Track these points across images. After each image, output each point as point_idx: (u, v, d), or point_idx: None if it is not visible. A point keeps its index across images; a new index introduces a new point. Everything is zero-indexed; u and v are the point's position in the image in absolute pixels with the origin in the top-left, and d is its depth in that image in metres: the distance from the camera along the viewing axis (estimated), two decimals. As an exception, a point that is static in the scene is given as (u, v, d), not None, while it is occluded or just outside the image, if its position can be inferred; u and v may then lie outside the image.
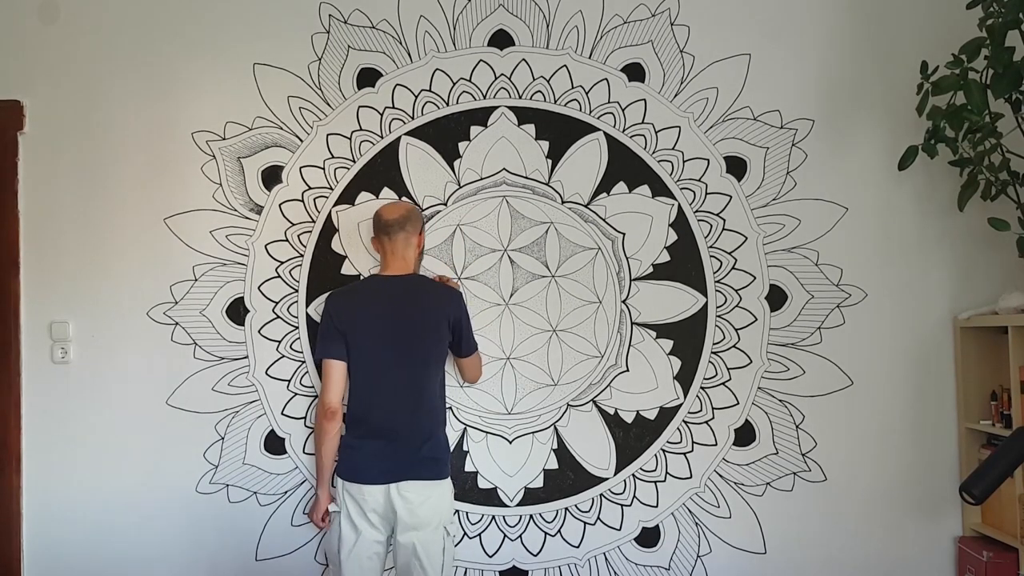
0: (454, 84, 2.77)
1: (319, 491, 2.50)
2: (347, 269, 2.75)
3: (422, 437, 2.40)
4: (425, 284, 2.54)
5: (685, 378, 2.73)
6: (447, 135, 2.77)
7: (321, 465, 2.48)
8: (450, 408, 2.72)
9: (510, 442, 2.72)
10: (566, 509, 2.72)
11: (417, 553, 2.34)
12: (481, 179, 2.77)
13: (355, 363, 2.45)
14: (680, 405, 2.73)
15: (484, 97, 2.77)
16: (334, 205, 2.76)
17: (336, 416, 2.45)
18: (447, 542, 2.39)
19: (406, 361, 2.42)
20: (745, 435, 2.72)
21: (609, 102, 2.76)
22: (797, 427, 2.72)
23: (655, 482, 2.72)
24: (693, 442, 2.72)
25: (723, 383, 2.73)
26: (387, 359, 2.42)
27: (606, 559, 2.71)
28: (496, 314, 2.75)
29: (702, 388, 2.73)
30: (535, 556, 2.71)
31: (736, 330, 2.73)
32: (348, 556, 2.37)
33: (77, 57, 2.77)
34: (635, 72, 2.77)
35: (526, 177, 2.77)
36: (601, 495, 2.72)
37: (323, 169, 2.77)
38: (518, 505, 2.72)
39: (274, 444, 2.73)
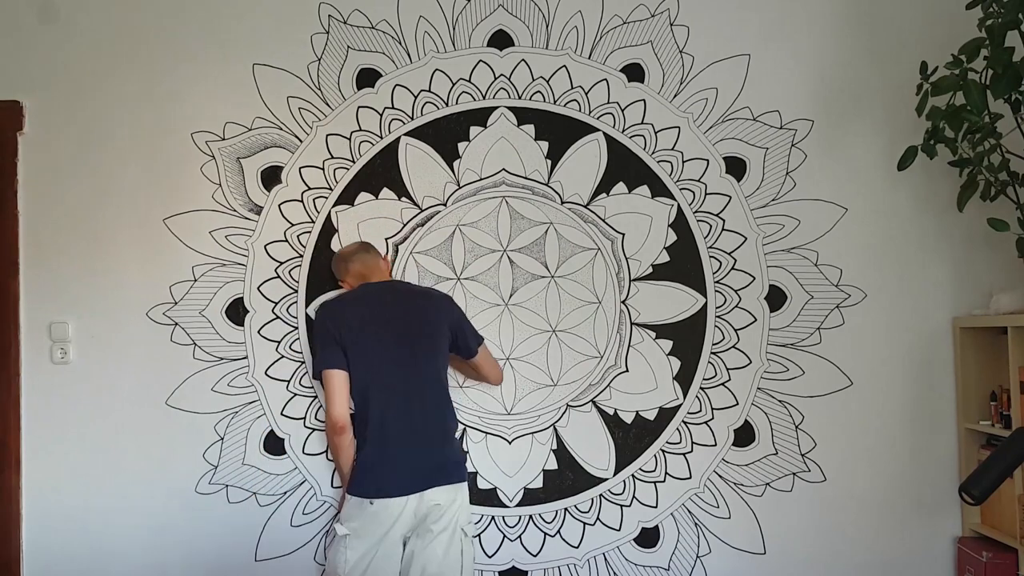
0: (453, 84, 2.77)
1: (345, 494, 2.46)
2: (347, 269, 2.75)
3: (443, 439, 2.42)
4: (414, 286, 2.57)
5: (684, 378, 2.73)
6: (447, 135, 2.77)
7: (343, 475, 2.46)
8: (449, 408, 2.72)
9: (509, 442, 2.72)
10: (565, 509, 2.72)
11: (442, 558, 2.32)
12: (481, 179, 2.77)
13: (358, 370, 2.39)
14: (679, 405, 2.73)
15: (484, 97, 2.78)
16: (333, 205, 2.76)
17: (347, 430, 2.38)
18: (465, 544, 2.39)
19: (413, 360, 2.41)
20: (744, 435, 2.72)
21: (608, 102, 2.76)
22: (796, 427, 2.72)
23: (654, 482, 2.72)
24: (692, 442, 2.72)
25: (722, 383, 2.73)
26: (393, 360, 2.39)
27: (605, 559, 2.71)
28: (495, 314, 2.75)
29: (701, 388, 2.73)
30: (534, 556, 2.71)
31: (736, 330, 2.73)
32: None
33: (77, 57, 2.77)
34: (634, 72, 2.77)
35: (526, 177, 2.77)
36: (600, 495, 2.72)
37: (322, 169, 2.77)
38: (517, 505, 2.72)
39: (273, 444, 2.73)
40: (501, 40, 2.78)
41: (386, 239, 2.76)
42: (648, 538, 2.72)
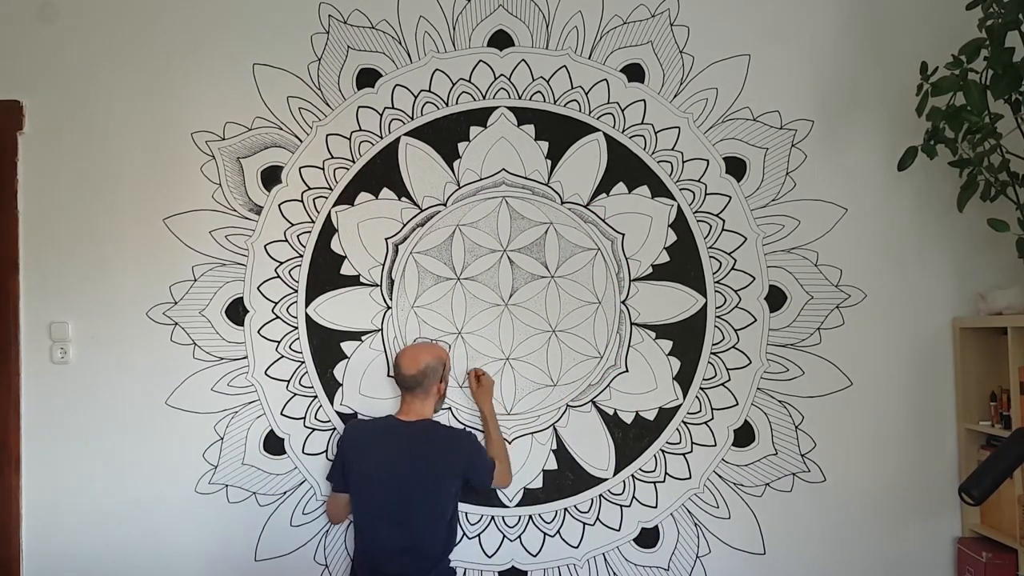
0: (454, 84, 2.77)
1: None
2: (346, 269, 2.75)
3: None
4: (436, 433, 2.56)
5: (684, 379, 2.73)
6: (447, 135, 2.77)
7: None
8: (449, 408, 2.72)
9: (509, 442, 2.72)
10: (565, 510, 2.72)
11: None
12: (481, 179, 2.77)
13: (358, 502, 2.50)
14: (679, 406, 2.73)
15: (484, 97, 2.77)
16: (333, 205, 2.76)
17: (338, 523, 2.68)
18: None
19: (410, 508, 2.45)
20: (744, 436, 2.72)
21: (609, 102, 2.76)
22: (796, 428, 2.72)
23: (654, 483, 2.72)
24: (692, 443, 2.72)
25: (722, 384, 2.73)
26: (391, 504, 2.44)
27: (605, 560, 2.71)
28: (495, 314, 2.75)
29: (701, 389, 2.73)
30: (534, 556, 2.71)
31: (735, 331, 2.73)
32: None
33: (77, 57, 2.77)
34: (635, 73, 2.77)
35: (525, 177, 2.77)
36: (600, 496, 2.72)
37: (322, 169, 2.77)
38: (517, 505, 2.72)
39: (273, 444, 2.73)
40: (501, 40, 2.78)
41: (386, 239, 2.76)
42: (648, 538, 2.72)
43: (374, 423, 2.61)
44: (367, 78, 2.78)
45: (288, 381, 2.74)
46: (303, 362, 2.74)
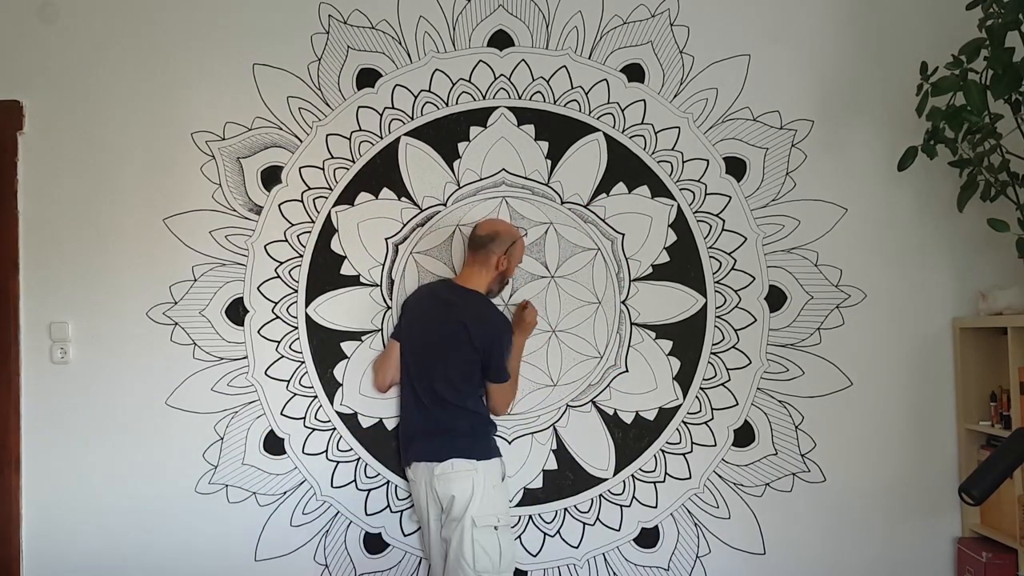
0: (453, 84, 2.77)
1: None
2: (347, 269, 2.75)
3: (442, 431, 2.50)
4: (469, 300, 2.54)
5: (684, 379, 2.73)
6: (446, 135, 2.77)
7: None
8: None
9: (509, 443, 2.72)
10: (565, 510, 2.72)
11: (455, 548, 2.42)
12: (481, 179, 2.77)
13: (403, 354, 2.63)
14: (679, 406, 2.73)
15: (484, 97, 2.77)
16: (333, 205, 2.76)
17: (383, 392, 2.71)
18: (479, 534, 2.40)
19: (431, 365, 2.53)
20: (744, 436, 2.72)
21: (609, 102, 2.76)
22: (796, 428, 2.72)
23: (654, 483, 2.72)
24: (692, 443, 2.72)
25: (722, 384, 2.73)
26: (419, 358, 2.56)
27: (605, 560, 2.71)
28: (495, 314, 2.74)
29: (701, 389, 2.73)
30: (534, 556, 2.71)
31: (735, 331, 2.73)
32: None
33: (77, 57, 2.77)
34: (635, 73, 2.77)
35: (525, 177, 2.77)
36: (600, 496, 2.72)
37: (322, 169, 2.77)
38: (517, 506, 2.72)
39: (273, 444, 2.73)
40: (501, 40, 2.78)
41: (386, 239, 2.76)
42: (648, 538, 2.72)
43: (434, 282, 2.71)
44: (367, 78, 2.78)
45: (288, 381, 2.74)
46: (303, 362, 2.74)
